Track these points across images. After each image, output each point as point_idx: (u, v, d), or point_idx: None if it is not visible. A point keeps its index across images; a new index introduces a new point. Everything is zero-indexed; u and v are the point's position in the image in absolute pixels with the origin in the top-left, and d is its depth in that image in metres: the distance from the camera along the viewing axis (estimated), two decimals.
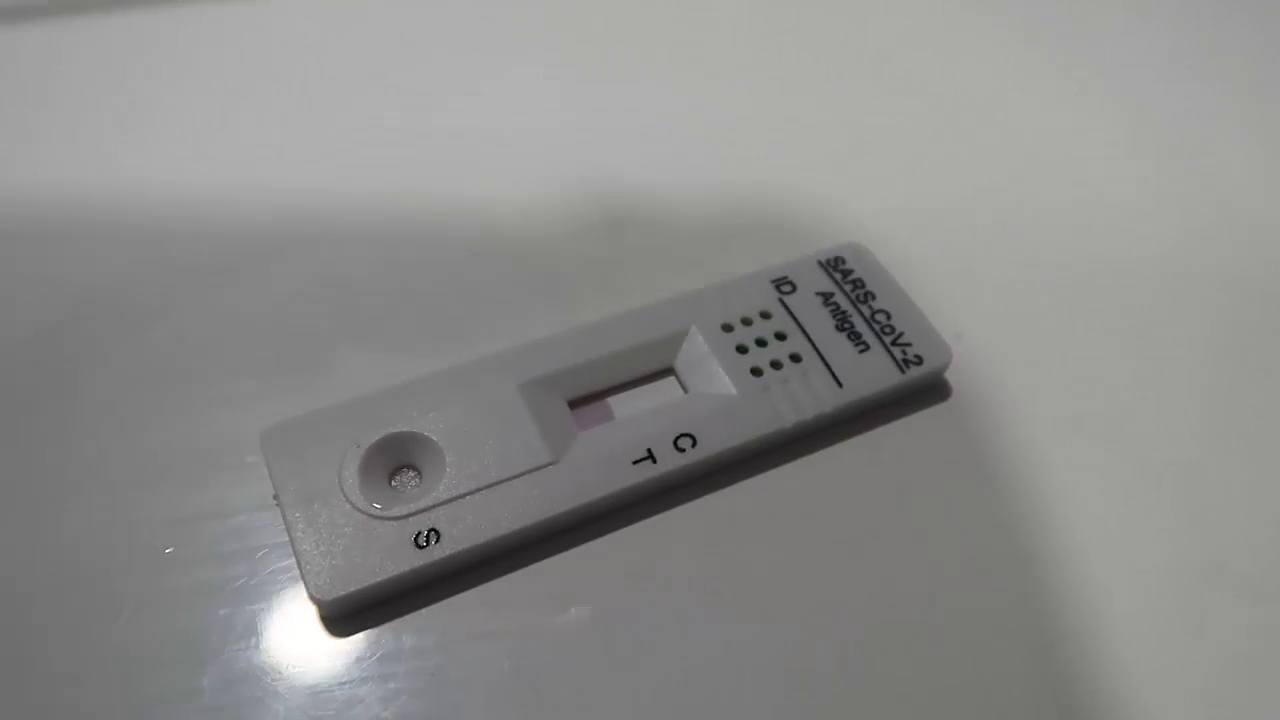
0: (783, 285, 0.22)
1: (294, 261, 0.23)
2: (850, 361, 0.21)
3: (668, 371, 0.21)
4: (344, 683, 0.17)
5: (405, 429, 0.19)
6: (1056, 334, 0.23)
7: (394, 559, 0.18)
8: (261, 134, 0.26)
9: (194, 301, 0.22)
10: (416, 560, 0.18)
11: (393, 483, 0.19)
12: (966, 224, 0.25)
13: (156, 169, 0.25)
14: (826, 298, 0.22)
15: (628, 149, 0.26)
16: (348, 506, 0.18)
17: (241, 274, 0.23)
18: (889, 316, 0.22)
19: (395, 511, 0.18)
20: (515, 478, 0.19)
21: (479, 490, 0.18)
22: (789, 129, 0.27)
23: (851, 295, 0.22)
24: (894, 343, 0.21)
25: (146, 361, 0.21)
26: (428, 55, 0.29)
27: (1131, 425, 0.21)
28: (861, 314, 0.22)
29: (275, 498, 0.18)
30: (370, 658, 0.18)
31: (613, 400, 0.20)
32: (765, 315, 0.22)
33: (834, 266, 0.23)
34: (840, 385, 0.20)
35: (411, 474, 0.19)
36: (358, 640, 0.18)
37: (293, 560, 0.18)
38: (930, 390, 0.22)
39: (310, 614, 0.18)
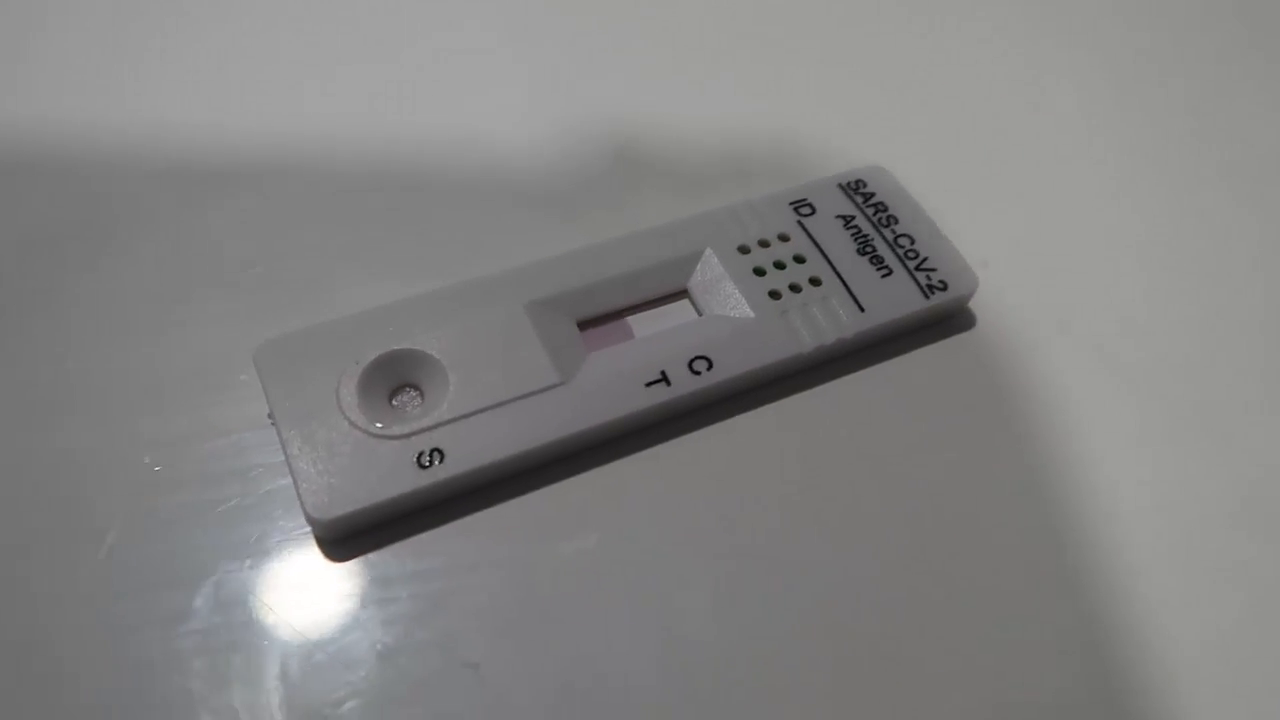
0: (801, 207, 0.21)
1: (292, 180, 0.22)
2: (872, 286, 0.20)
3: (681, 294, 0.20)
4: (342, 607, 0.16)
5: (407, 346, 0.18)
6: (1086, 265, 0.22)
7: (395, 479, 0.17)
8: (263, 59, 0.25)
9: (187, 217, 0.21)
10: (419, 480, 0.17)
11: (393, 402, 0.18)
12: (992, 150, 0.24)
13: (156, 89, 0.24)
14: (847, 220, 0.21)
15: (640, 75, 0.25)
16: (346, 425, 0.17)
17: (239, 190, 0.22)
18: (912, 241, 0.21)
19: (396, 430, 0.17)
20: (521, 398, 0.18)
21: (483, 410, 0.18)
22: (806, 53, 0.26)
23: (873, 219, 0.21)
24: (918, 268, 0.20)
25: (136, 276, 0.20)
26: None
27: (1159, 359, 0.21)
28: (884, 238, 0.21)
29: (270, 416, 0.18)
30: (369, 581, 0.17)
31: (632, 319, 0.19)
32: (783, 238, 0.21)
33: (855, 189, 0.22)
34: (862, 310, 0.20)
35: (413, 393, 0.18)
36: (357, 564, 0.17)
37: (288, 481, 0.17)
38: (954, 318, 0.21)
39: (307, 536, 0.17)
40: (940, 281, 0.20)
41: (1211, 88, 0.26)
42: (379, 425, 0.17)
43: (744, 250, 0.20)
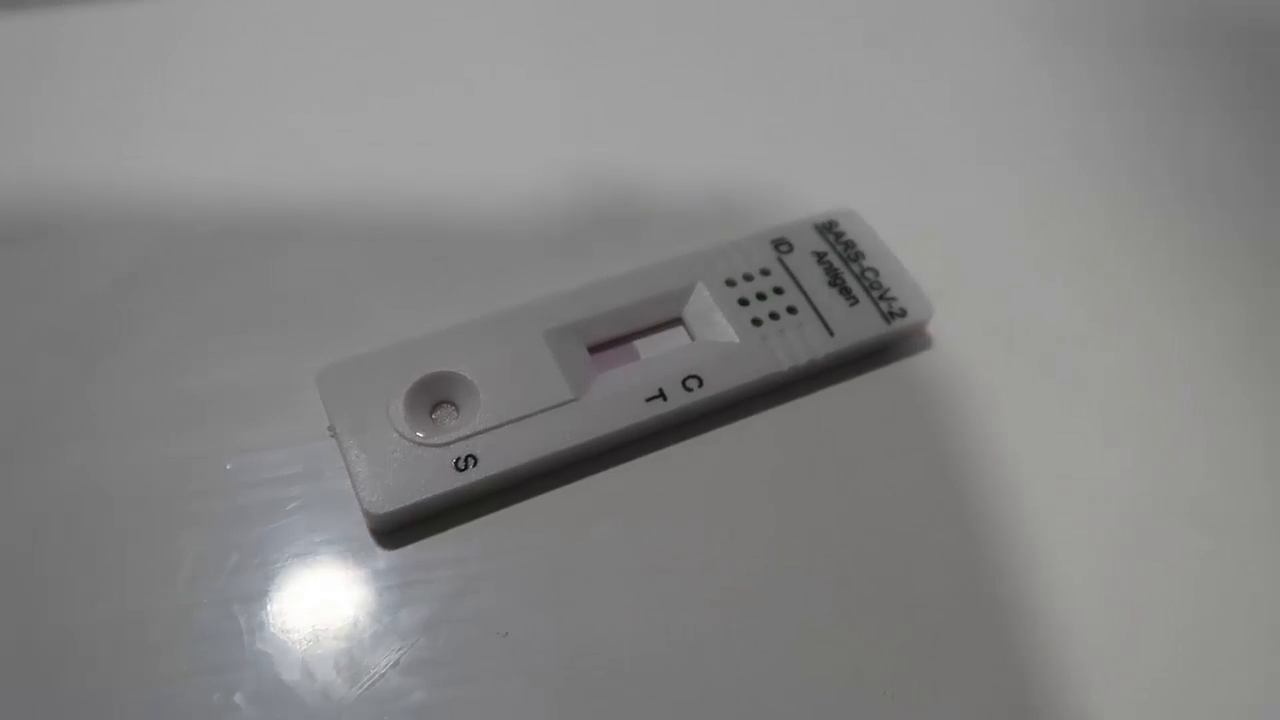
0: (781, 245, 0.24)
1: (341, 232, 0.25)
2: (841, 313, 0.23)
3: (676, 321, 0.23)
4: (392, 586, 0.20)
5: (444, 369, 0.21)
6: (1028, 293, 0.25)
7: (437, 480, 0.20)
8: (299, 118, 0.28)
9: (248, 265, 0.25)
10: (457, 481, 0.20)
11: (433, 416, 0.21)
12: (946, 193, 0.27)
13: (213, 153, 0.27)
14: (820, 256, 0.24)
15: (638, 127, 0.28)
16: (395, 435, 0.20)
17: (289, 243, 0.25)
18: (877, 274, 0.24)
19: (437, 440, 0.20)
20: (541, 412, 0.21)
21: (509, 422, 0.21)
22: (788, 110, 0.29)
23: (843, 255, 0.24)
24: (881, 297, 0.24)
25: (207, 315, 0.24)
26: (453, 50, 0.31)
27: (1094, 374, 0.24)
28: (852, 271, 0.24)
29: (330, 428, 0.21)
30: (416, 566, 0.20)
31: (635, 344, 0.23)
32: (765, 272, 0.24)
33: (828, 229, 0.25)
34: (831, 334, 0.23)
35: (450, 408, 0.21)
36: (405, 551, 0.20)
37: (345, 483, 0.20)
38: (913, 340, 0.24)
39: (362, 529, 0.20)
40: (900, 309, 0.23)
41: (1167, 116, 0.29)
42: (421, 435, 0.21)
43: (730, 283, 0.24)
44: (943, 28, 0.32)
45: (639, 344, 0.23)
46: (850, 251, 0.24)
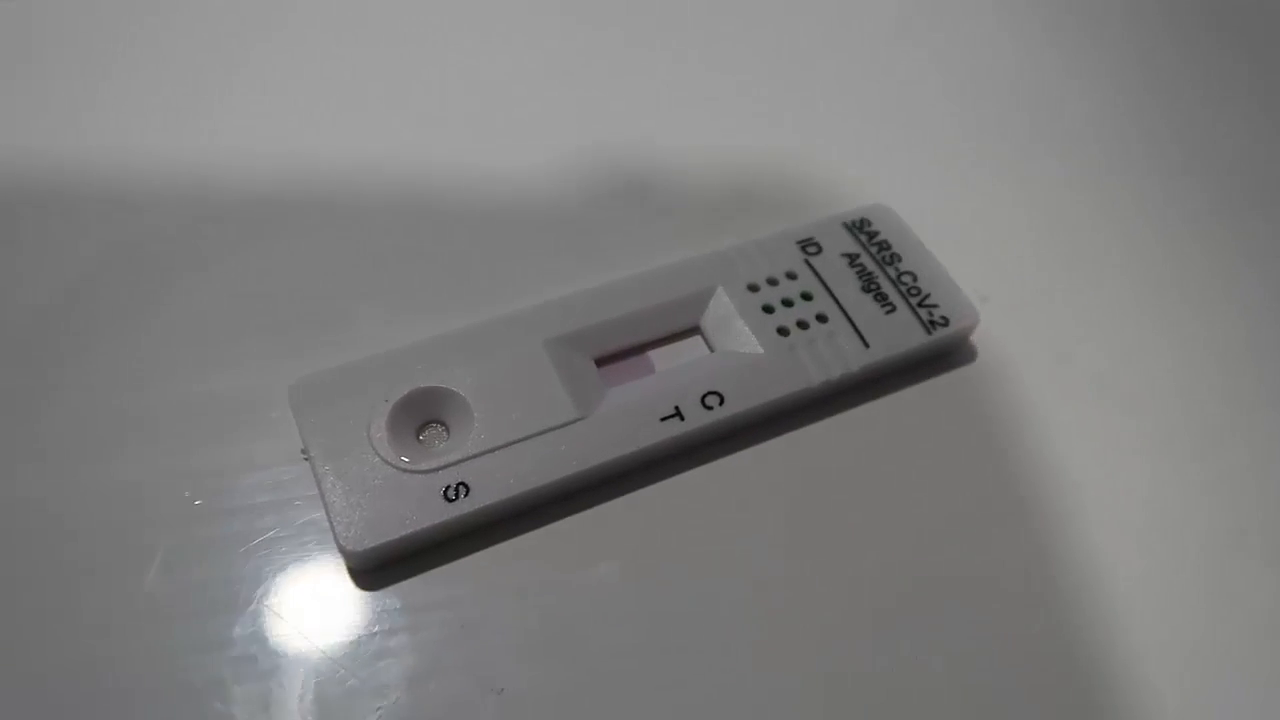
0: (808, 246, 0.22)
1: (319, 224, 0.23)
2: (876, 322, 0.21)
3: (694, 330, 0.21)
4: (374, 633, 0.17)
5: (432, 384, 0.19)
6: (1085, 298, 0.23)
7: (423, 511, 0.18)
8: (286, 102, 0.26)
9: (221, 263, 0.22)
10: (446, 513, 0.18)
11: (420, 437, 0.19)
12: (992, 186, 0.25)
13: (187, 136, 0.25)
14: (852, 259, 0.22)
15: (651, 114, 0.26)
16: (376, 460, 0.18)
17: (268, 237, 0.23)
18: (915, 278, 0.22)
19: (424, 465, 0.18)
20: (542, 433, 0.19)
21: (506, 445, 0.18)
22: (811, 95, 0.27)
23: (877, 257, 0.22)
24: (920, 304, 0.21)
25: (173, 319, 0.21)
26: (451, 20, 0.29)
27: (1157, 391, 0.21)
28: (887, 275, 0.22)
29: (304, 451, 0.18)
30: (400, 610, 0.18)
31: (647, 356, 0.20)
32: (791, 276, 0.22)
33: (859, 228, 0.23)
34: (866, 345, 0.20)
35: (439, 428, 0.19)
36: (387, 592, 0.18)
37: (322, 513, 0.18)
38: (956, 352, 0.22)
39: (340, 566, 0.18)
40: (942, 317, 0.21)
41: (1208, 113, 0.27)
42: (406, 460, 0.18)
43: (753, 288, 0.21)
44: (983, 13, 0.30)
45: (653, 355, 0.20)
46: (885, 253, 0.22)
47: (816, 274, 0.22)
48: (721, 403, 0.19)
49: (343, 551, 0.17)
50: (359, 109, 0.26)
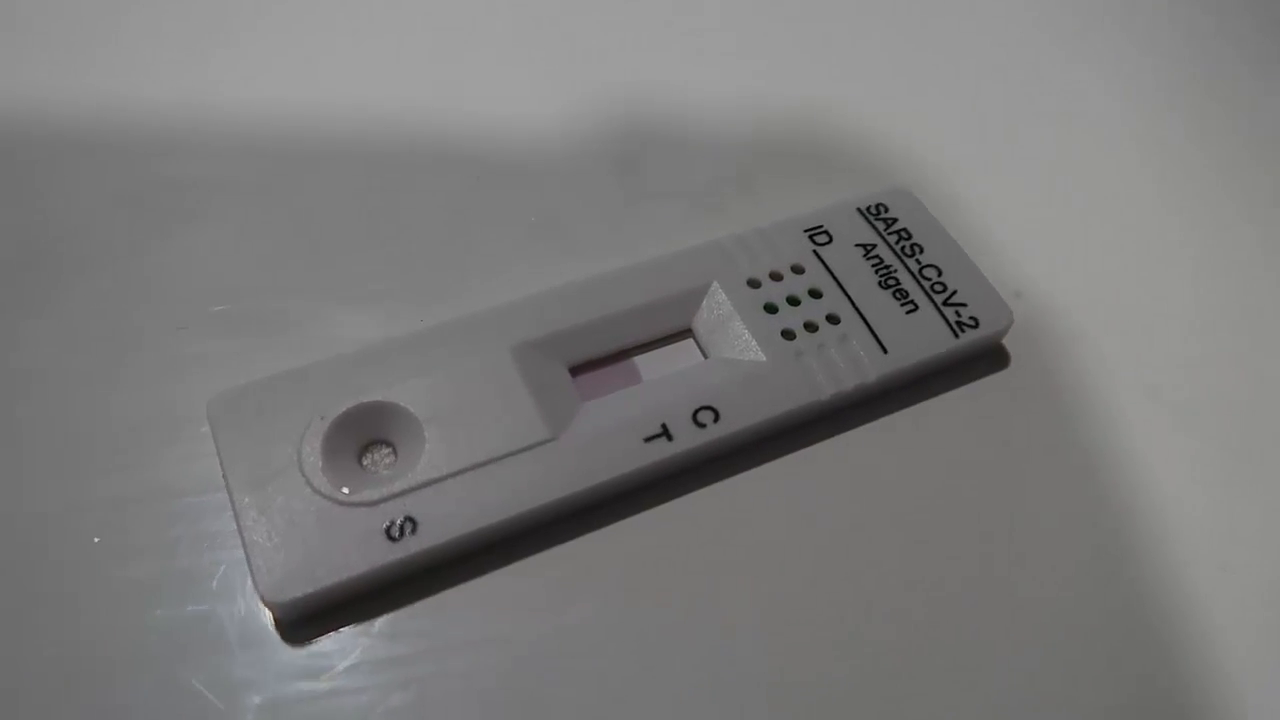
0: (817, 235, 0.19)
1: (250, 200, 0.20)
2: (896, 323, 0.18)
3: (685, 334, 0.18)
4: (307, 698, 0.15)
5: (378, 398, 0.16)
6: (1132, 295, 0.20)
7: (362, 554, 0.15)
8: (222, 51, 0.23)
9: (135, 248, 0.19)
10: (389, 555, 0.15)
11: (363, 462, 0.16)
12: (1025, 167, 0.22)
13: (97, 91, 0.22)
14: (868, 250, 0.19)
15: (635, 79, 0.23)
16: (308, 490, 0.15)
17: (192, 215, 0.20)
18: (940, 272, 0.19)
19: (365, 496, 0.15)
20: (506, 457, 0.16)
21: (463, 471, 0.16)
22: (825, 58, 0.24)
23: (896, 247, 0.19)
24: (946, 302, 0.18)
25: (79, 318, 0.18)
26: None
27: (1215, 396, 0.19)
28: (909, 269, 0.19)
29: (225, 479, 0.16)
30: (335, 669, 0.15)
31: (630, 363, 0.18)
32: (797, 269, 0.19)
33: (876, 214, 0.20)
34: (885, 351, 0.18)
35: (385, 451, 0.16)
36: (320, 647, 0.15)
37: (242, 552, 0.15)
38: (986, 358, 0.19)
39: (265, 616, 0.15)
40: (971, 318, 0.18)
41: (1273, 99, 0.24)
42: (345, 491, 0.15)
43: (754, 284, 0.18)
44: None
45: (638, 361, 0.18)
46: (905, 243, 0.19)
47: (827, 267, 0.19)
48: (716, 419, 0.17)
49: (264, 603, 0.15)
50: (294, 67, 0.23)
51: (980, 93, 0.24)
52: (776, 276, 0.19)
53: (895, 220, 0.20)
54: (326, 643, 0.15)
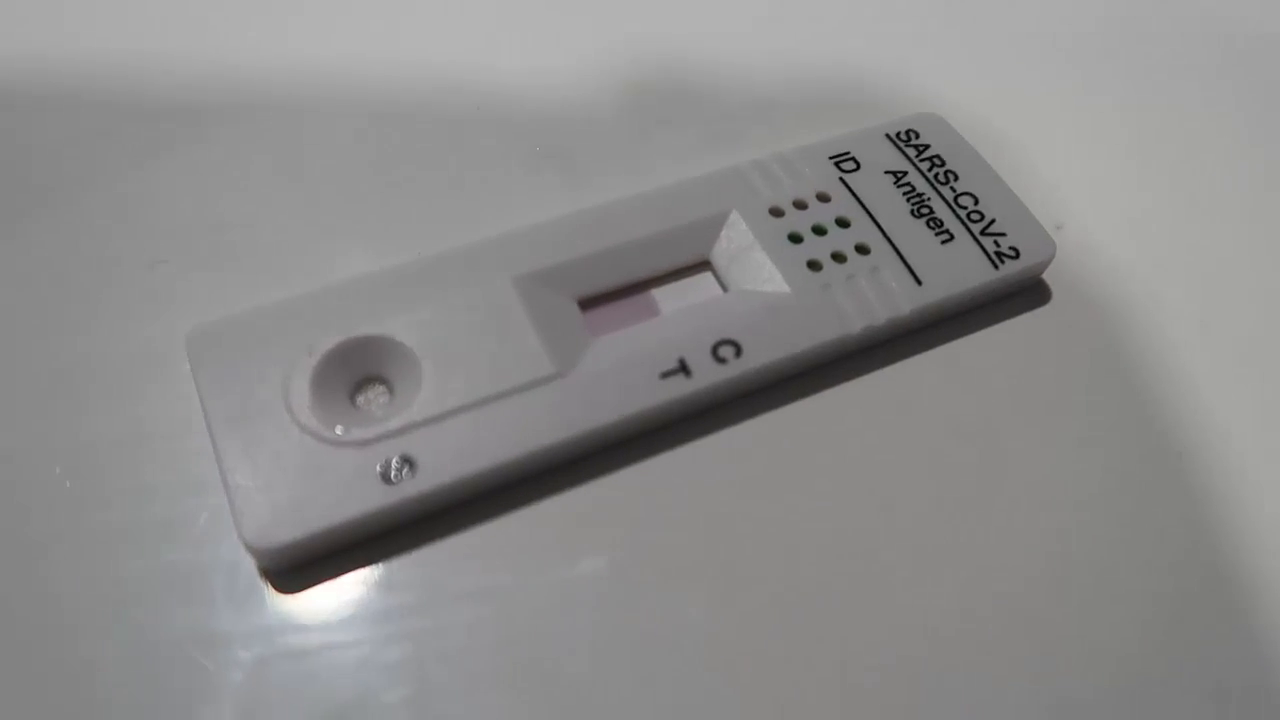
0: (844, 162, 0.18)
1: (238, 127, 0.19)
2: (931, 254, 0.17)
3: (703, 265, 0.17)
4: (293, 654, 0.13)
5: (372, 331, 0.15)
6: (1182, 222, 0.19)
7: (355, 496, 0.14)
8: None
9: (113, 177, 0.18)
10: (384, 498, 0.14)
11: (356, 400, 0.15)
12: (1067, 87, 0.21)
13: (82, 25, 0.21)
14: (898, 177, 0.18)
15: (647, 5, 0.22)
16: (296, 429, 0.14)
17: (176, 143, 0.19)
18: (976, 200, 0.18)
19: (357, 436, 0.14)
20: (510, 394, 0.15)
21: (464, 409, 0.14)
22: None
23: (929, 175, 0.18)
24: (984, 231, 0.17)
25: (52, 250, 0.17)
26: None
27: (1274, 329, 0.17)
28: (942, 197, 0.17)
29: (206, 417, 0.14)
30: (326, 621, 0.14)
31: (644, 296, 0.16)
32: (823, 198, 0.17)
33: (906, 140, 0.18)
34: (919, 283, 0.16)
35: (379, 389, 0.15)
36: (310, 598, 0.14)
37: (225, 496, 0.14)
38: (1026, 291, 0.17)
39: (251, 565, 0.14)
40: (1010, 248, 0.17)
41: None
42: (338, 430, 0.14)
43: (777, 212, 0.17)
44: None
45: (655, 294, 0.16)
46: (939, 170, 0.18)
47: (855, 195, 0.17)
48: (738, 354, 0.15)
49: (249, 549, 0.13)
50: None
51: (1018, 17, 0.22)
52: (801, 205, 0.17)
53: (927, 146, 0.18)
54: (317, 593, 0.14)
